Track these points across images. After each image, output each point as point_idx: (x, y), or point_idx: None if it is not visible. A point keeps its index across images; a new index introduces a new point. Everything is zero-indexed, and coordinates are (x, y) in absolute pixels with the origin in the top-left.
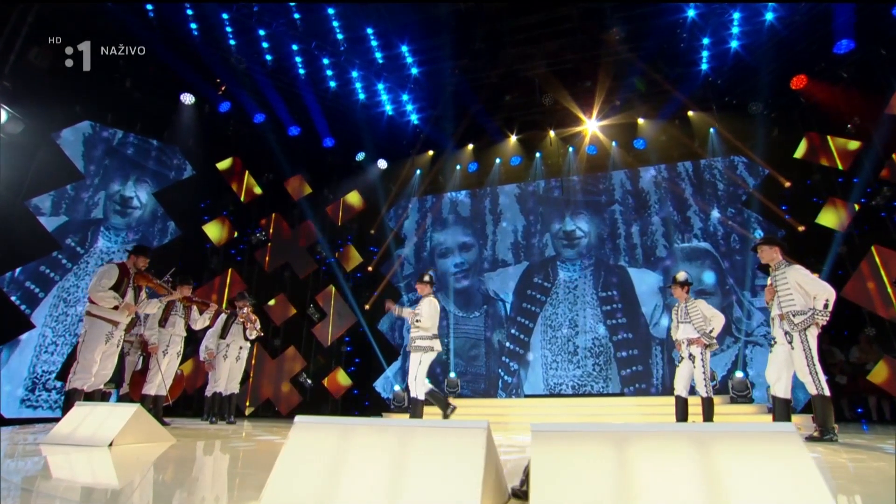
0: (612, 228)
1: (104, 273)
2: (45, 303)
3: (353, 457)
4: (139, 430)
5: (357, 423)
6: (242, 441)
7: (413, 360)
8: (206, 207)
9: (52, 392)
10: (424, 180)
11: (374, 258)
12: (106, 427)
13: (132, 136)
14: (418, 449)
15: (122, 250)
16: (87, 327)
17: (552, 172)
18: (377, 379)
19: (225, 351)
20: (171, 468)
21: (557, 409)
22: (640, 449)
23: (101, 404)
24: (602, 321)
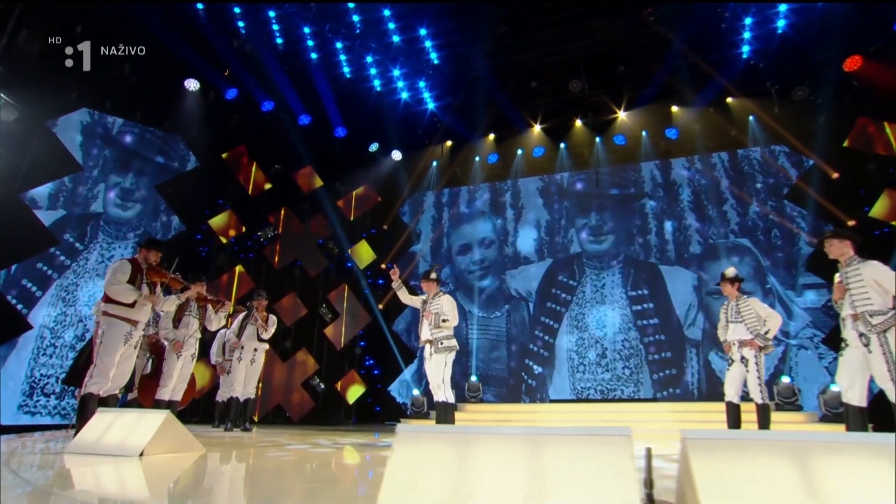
0: (642, 223)
1: (117, 269)
2: (42, 302)
3: (478, 467)
4: (170, 438)
5: (477, 433)
6: (278, 450)
7: (438, 362)
8: (211, 201)
9: (52, 397)
10: (442, 172)
11: (387, 255)
12: (135, 436)
13: (132, 124)
14: (555, 458)
15: (126, 246)
16: (105, 328)
17: (578, 164)
18: (392, 382)
19: (239, 353)
20: (230, 483)
21: (586, 414)
22: (826, 464)
23: (127, 411)
24: (632, 322)
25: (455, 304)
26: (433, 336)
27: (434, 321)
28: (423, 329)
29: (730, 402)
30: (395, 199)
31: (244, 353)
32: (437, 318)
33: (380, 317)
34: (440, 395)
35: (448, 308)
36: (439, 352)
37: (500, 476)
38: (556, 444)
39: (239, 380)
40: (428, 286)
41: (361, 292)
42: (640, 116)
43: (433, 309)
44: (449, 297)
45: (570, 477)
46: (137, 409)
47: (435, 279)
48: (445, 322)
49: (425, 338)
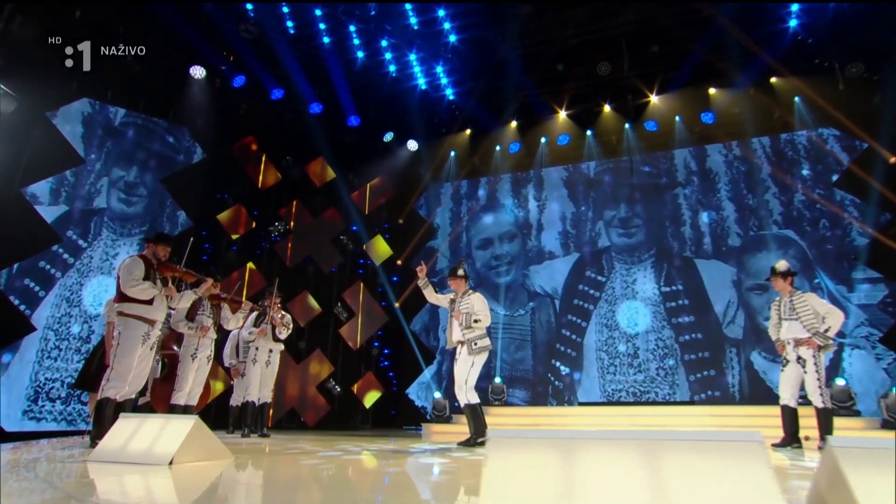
0: (675, 214)
1: (131, 266)
2: (46, 303)
3: (586, 475)
4: (199, 445)
5: (583, 438)
6: (309, 457)
7: (465, 362)
8: (219, 195)
9: (57, 402)
10: (460, 163)
11: (404, 250)
12: (163, 443)
13: (135, 115)
14: (677, 465)
15: (131, 243)
16: (121, 329)
17: (606, 152)
18: (410, 385)
19: (254, 355)
20: (280, 493)
21: (619, 418)
22: None
23: (153, 416)
24: (666, 319)
25: (486, 301)
26: (466, 337)
27: (465, 321)
28: (454, 330)
29: (786, 406)
30: (411, 191)
31: (259, 354)
32: (469, 317)
33: (401, 316)
34: (462, 397)
35: (479, 307)
36: (472, 353)
37: (612, 484)
38: (676, 450)
39: (254, 383)
40: (456, 284)
41: (377, 290)
42: (673, 100)
43: (463, 309)
44: (479, 294)
45: (696, 485)
46: (163, 415)
47: (463, 276)
48: (477, 322)
49: (457, 339)
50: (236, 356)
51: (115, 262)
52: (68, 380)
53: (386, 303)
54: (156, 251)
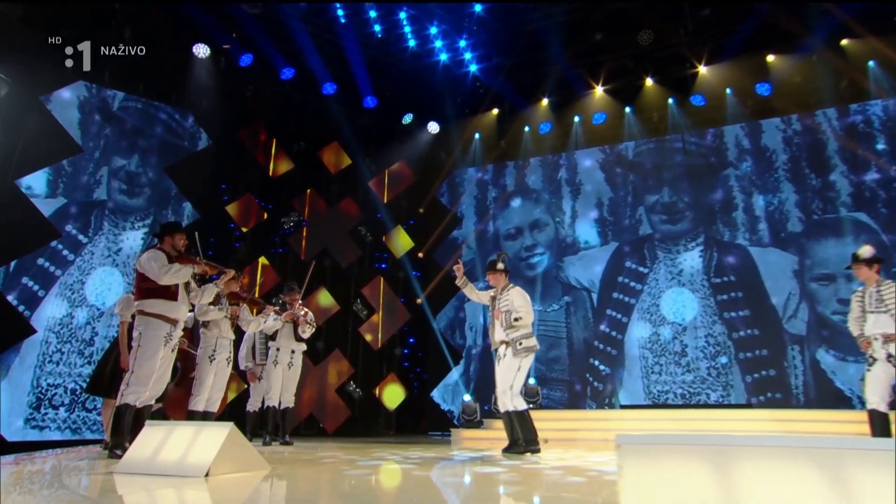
0: (726, 198)
1: (154, 258)
2: (46, 303)
3: (748, 489)
4: (235, 455)
5: (740, 445)
6: (350, 466)
7: (510, 365)
8: (227, 184)
9: (61, 409)
10: (486, 146)
11: (426, 242)
12: (196, 453)
13: (135, 99)
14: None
15: (135, 238)
16: (142, 329)
17: (647, 131)
18: (435, 387)
19: (275, 356)
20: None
21: (666, 423)
22: None
23: (183, 424)
24: (717, 314)
25: (527, 297)
26: (509, 337)
27: (506, 320)
28: (496, 329)
29: (874, 410)
30: (432, 178)
31: (280, 355)
32: (509, 315)
33: (429, 311)
34: (508, 403)
35: (519, 302)
36: (517, 354)
37: (784, 500)
38: (868, 462)
39: (276, 387)
40: (495, 278)
41: (399, 285)
42: (725, 70)
43: (503, 306)
44: (520, 290)
45: None
46: (195, 423)
47: (503, 270)
48: (519, 320)
49: (499, 339)
50: (253, 358)
51: (117, 257)
52: (72, 385)
53: (405, 299)
54: (174, 242)
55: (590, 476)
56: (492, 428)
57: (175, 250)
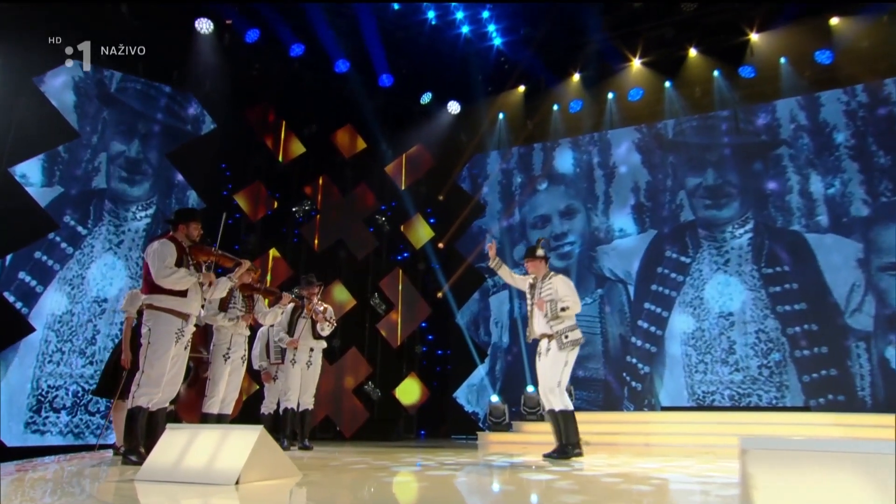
0: (780, 180)
1: (162, 252)
2: (44, 299)
3: None
4: (266, 461)
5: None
6: (385, 473)
7: (556, 360)
8: (234, 171)
9: (62, 413)
10: (511, 127)
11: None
12: (224, 458)
13: (133, 79)
14: None
15: (137, 229)
16: (151, 325)
17: (689, 107)
18: (458, 388)
19: (293, 355)
20: None
21: (713, 426)
22: None
23: (207, 427)
24: (769, 308)
25: (572, 285)
26: (553, 329)
27: (550, 311)
28: (536, 321)
29: None
30: (453, 162)
31: (298, 354)
32: (554, 305)
33: (454, 304)
34: (555, 402)
35: (565, 291)
36: (563, 348)
37: None
38: None
39: (294, 387)
40: (535, 266)
41: (419, 278)
42: (779, 37)
43: (546, 295)
44: (563, 277)
45: None
46: (220, 426)
47: (543, 257)
48: (565, 310)
49: (541, 331)
50: (267, 357)
51: (119, 250)
52: (73, 387)
53: (425, 292)
54: (188, 231)
55: (655, 485)
56: (521, 431)
57: (189, 240)
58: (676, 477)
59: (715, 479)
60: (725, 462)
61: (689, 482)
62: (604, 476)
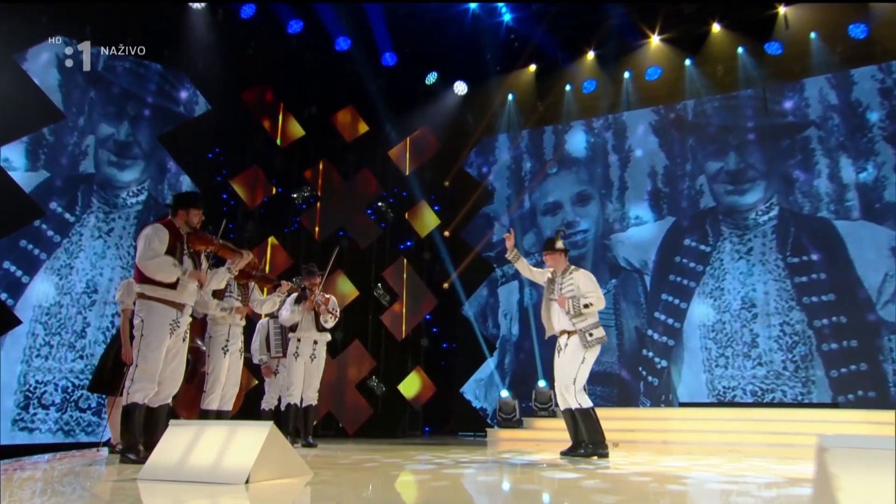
0: (807, 163)
1: (152, 236)
2: (31, 290)
3: None
4: (276, 459)
5: None
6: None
7: (574, 355)
8: (229, 155)
9: (52, 409)
10: (521, 108)
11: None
12: (232, 456)
13: (122, 57)
14: None
15: (128, 216)
16: (144, 316)
17: (711, 86)
18: (465, 383)
19: (296, 348)
20: None
21: (735, 424)
22: None
23: (213, 424)
24: (795, 299)
25: (595, 280)
26: (576, 327)
27: (572, 308)
28: (556, 317)
29: None
30: (459, 145)
31: (301, 347)
32: (577, 302)
33: (462, 294)
34: (571, 400)
35: (588, 286)
36: (586, 346)
37: None
38: None
39: (297, 382)
40: (554, 259)
41: (424, 267)
42: (809, 10)
43: (566, 291)
44: (585, 271)
45: None
46: (227, 422)
47: (563, 249)
48: (589, 307)
49: (562, 328)
50: (267, 350)
51: (109, 238)
52: (63, 382)
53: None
54: (188, 217)
55: (688, 484)
56: (532, 427)
57: (189, 227)
58: (709, 476)
59: (752, 479)
60: (754, 461)
61: (724, 482)
62: (631, 475)
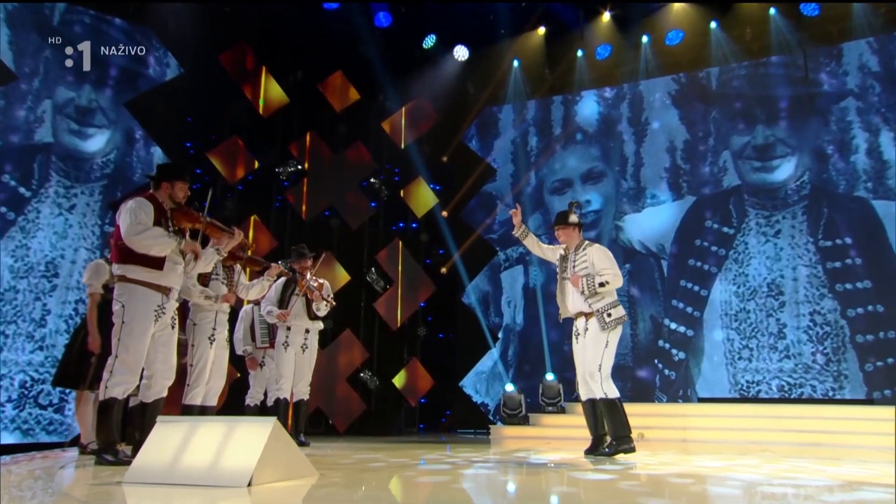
0: (842, 138)
1: (136, 209)
2: None
3: None
4: (280, 459)
5: None
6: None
7: (597, 341)
8: (206, 124)
9: (8, 406)
10: (528, 76)
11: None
12: (232, 456)
13: (81, 11)
14: None
15: (92, 191)
16: (125, 301)
17: (737, 52)
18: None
19: (285, 337)
20: None
21: (760, 421)
22: None
23: (207, 420)
24: (826, 286)
25: (612, 256)
26: (593, 307)
27: (587, 287)
28: (570, 297)
29: None
30: (459, 117)
31: (292, 336)
32: (591, 280)
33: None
34: (596, 389)
35: (603, 263)
36: (605, 328)
37: None
38: None
39: (287, 374)
40: (567, 234)
41: (421, 251)
42: None
43: (580, 269)
44: (600, 247)
45: None
46: (223, 418)
47: (576, 223)
48: (604, 286)
49: (577, 309)
50: (252, 340)
51: (71, 216)
52: (20, 377)
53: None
54: (173, 191)
55: (735, 486)
56: (540, 424)
57: (173, 202)
58: (755, 478)
59: (804, 481)
60: (794, 461)
61: (776, 485)
62: (668, 476)
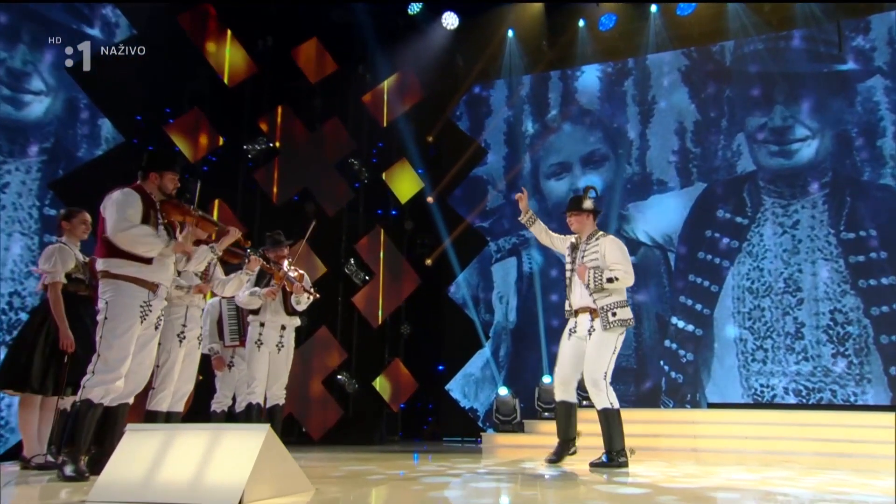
0: (868, 121)
1: (123, 202)
2: None
3: None
4: (273, 472)
5: None
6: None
7: (604, 344)
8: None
9: None
10: (524, 48)
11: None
12: (217, 470)
13: None
14: None
15: (29, 167)
16: (109, 297)
17: (754, 24)
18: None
19: (258, 335)
20: None
21: (776, 429)
22: None
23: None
24: (849, 282)
25: (625, 249)
26: (597, 304)
27: (594, 280)
28: (576, 292)
29: None
30: (447, 92)
31: (265, 333)
32: (599, 274)
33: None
34: (601, 398)
35: (615, 256)
36: (610, 328)
37: None
38: None
39: (260, 377)
40: (579, 222)
41: (405, 240)
42: None
43: (589, 260)
44: (614, 238)
45: None
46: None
47: (591, 210)
48: (613, 282)
49: (580, 304)
50: (220, 338)
51: (4, 196)
52: None
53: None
54: (161, 182)
55: (791, 502)
56: (535, 432)
57: (162, 194)
58: (802, 493)
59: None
60: (832, 473)
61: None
62: (704, 490)
